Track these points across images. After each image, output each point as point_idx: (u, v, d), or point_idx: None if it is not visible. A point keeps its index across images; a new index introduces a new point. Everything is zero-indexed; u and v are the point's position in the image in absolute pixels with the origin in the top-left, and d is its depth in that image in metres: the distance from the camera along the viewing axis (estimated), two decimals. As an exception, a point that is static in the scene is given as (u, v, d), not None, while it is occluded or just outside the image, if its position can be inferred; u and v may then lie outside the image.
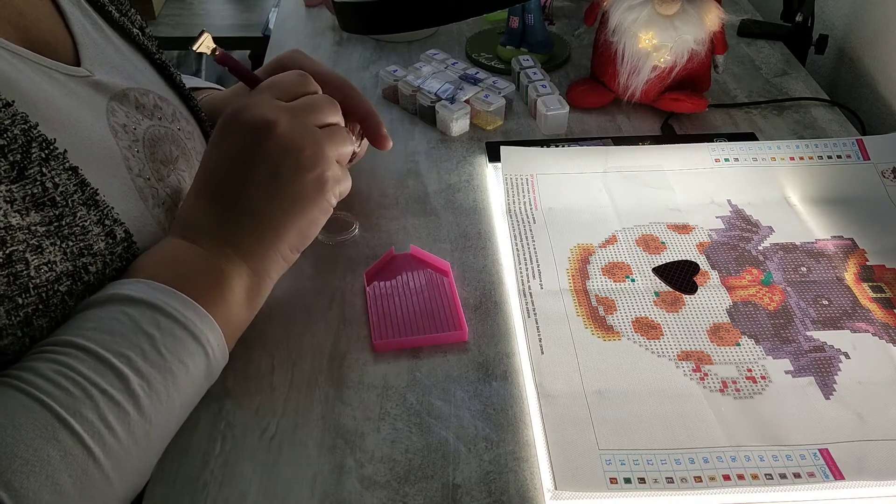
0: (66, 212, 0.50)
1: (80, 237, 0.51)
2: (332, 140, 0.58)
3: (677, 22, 0.81)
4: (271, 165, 0.56)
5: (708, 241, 0.71)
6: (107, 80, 0.62)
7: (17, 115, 0.49)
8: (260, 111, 0.56)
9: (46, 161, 0.50)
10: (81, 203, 0.52)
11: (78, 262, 0.51)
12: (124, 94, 0.63)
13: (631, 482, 0.51)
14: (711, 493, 0.51)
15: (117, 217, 0.54)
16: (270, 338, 0.63)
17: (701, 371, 0.59)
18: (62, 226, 0.50)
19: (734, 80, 0.95)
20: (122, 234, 0.54)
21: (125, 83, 0.64)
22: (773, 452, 0.53)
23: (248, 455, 0.55)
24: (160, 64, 0.73)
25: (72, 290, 0.51)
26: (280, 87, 0.60)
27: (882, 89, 0.93)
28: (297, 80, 0.61)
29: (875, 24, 0.95)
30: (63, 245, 0.50)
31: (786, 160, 0.79)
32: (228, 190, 0.56)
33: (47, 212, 0.49)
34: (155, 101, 0.67)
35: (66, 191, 0.51)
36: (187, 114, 0.73)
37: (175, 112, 0.69)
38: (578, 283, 0.66)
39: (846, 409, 0.56)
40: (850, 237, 0.71)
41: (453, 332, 0.63)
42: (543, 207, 0.75)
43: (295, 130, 0.56)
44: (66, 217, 0.50)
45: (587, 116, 0.89)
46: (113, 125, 0.59)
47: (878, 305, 0.64)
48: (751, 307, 0.64)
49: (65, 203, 0.50)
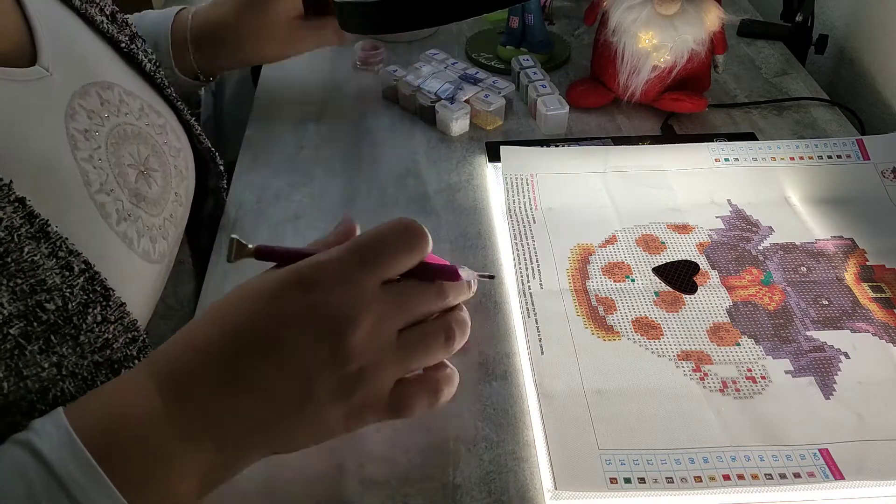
0: (11, 248, 0.45)
1: (30, 273, 0.46)
2: (406, 356, 0.45)
3: (677, 22, 0.81)
4: (311, 370, 0.42)
5: (708, 240, 0.71)
6: (66, 78, 0.57)
7: None
8: (347, 300, 0.43)
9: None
10: (29, 237, 0.47)
11: (29, 301, 0.46)
12: (85, 91, 0.58)
13: (631, 482, 0.51)
14: (711, 493, 0.51)
15: (72, 248, 0.49)
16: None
17: (701, 371, 0.59)
18: (7, 263, 0.45)
19: (734, 80, 0.95)
20: (81, 266, 0.49)
21: (86, 78, 0.59)
22: (773, 452, 0.53)
23: (247, 455, 0.55)
24: (128, 53, 0.68)
25: (27, 332, 0.46)
26: (374, 254, 0.44)
27: (882, 89, 0.93)
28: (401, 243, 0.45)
29: (875, 24, 0.95)
30: (10, 284, 0.45)
31: (786, 160, 0.79)
32: (245, 365, 0.42)
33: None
34: (120, 96, 0.63)
35: (10, 225, 0.46)
36: (160, 104, 0.69)
37: (143, 106, 0.65)
38: (578, 283, 0.66)
39: (846, 409, 0.56)
40: (849, 237, 0.71)
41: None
42: (543, 207, 0.75)
43: (371, 342, 0.43)
44: (12, 253, 0.45)
45: (587, 116, 0.89)
46: (72, 133, 0.55)
47: (878, 305, 0.64)
48: (751, 307, 0.64)
49: (10, 238, 0.45)
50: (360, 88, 0.95)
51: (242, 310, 0.44)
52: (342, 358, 0.42)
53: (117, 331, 0.52)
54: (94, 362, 0.51)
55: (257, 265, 0.47)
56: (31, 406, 0.47)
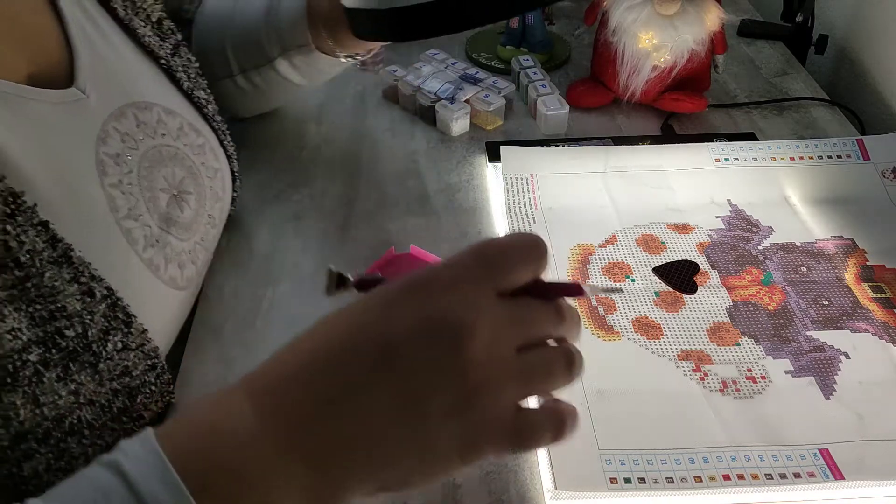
0: (31, 272, 0.45)
1: (50, 299, 0.46)
2: (528, 376, 0.40)
3: (677, 22, 0.81)
4: (423, 382, 0.37)
5: (708, 240, 0.71)
6: (102, 100, 0.56)
7: None
8: (462, 305, 0.38)
9: (12, 217, 0.44)
10: (51, 261, 0.46)
11: (48, 328, 0.45)
12: (121, 113, 0.57)
13: (631, 482, 0.51)
14: (711, 493, 0.51)
15: (95, 273, 0.48)
16: (271, 339, 0.63)
17: (701, 371, 0.59)
18: (27, 288, 0.44)
19: (734, 80, 0.95)
20: (103, 292, 0.49)
21: (123, 99, 0.58)
22: (773, 452, 0.53)
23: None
24: (168, 69, 0.66)
25: (45, 360, 0.45)
26: (495, 262, 0.40)
27: (882, 89, 0.93)
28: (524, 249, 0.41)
29: (875, 24, 0.95)
30: (29, 309, 0.44)
31: (786, 160, 0.79)
32: (348, 378, 0.38)
33: (9, 274, 0.44)
34: (159, 116, 0.61)
35: (32, 249, 0.45)
36: (200, 123, 0.67)
37: (182, 125, 0.64)
38: (579, 280, 0.66)
39: (846, 409, 0.56)
40: (849, 237, 0.71)
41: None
42: (543, 207, 0.74)
43: (489, 353, 0.38)
44: (33, 278, 0.45)
45: (587, 116, 0.89)
46: (101, 158, 0.54)
47: (878, 305, 0.64)
48: (751, 307, 0.64)
49: (31, 263, 0.45)
50: (360, 88, 0.95)
51: (349, 321, 0.39)
52: (458, 368, 0.37)
53: (137, 358, 0.52)
54: (112, 389, 0.50)
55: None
56: (46, 433, 0.47)
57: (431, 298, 0.38)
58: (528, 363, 0.40)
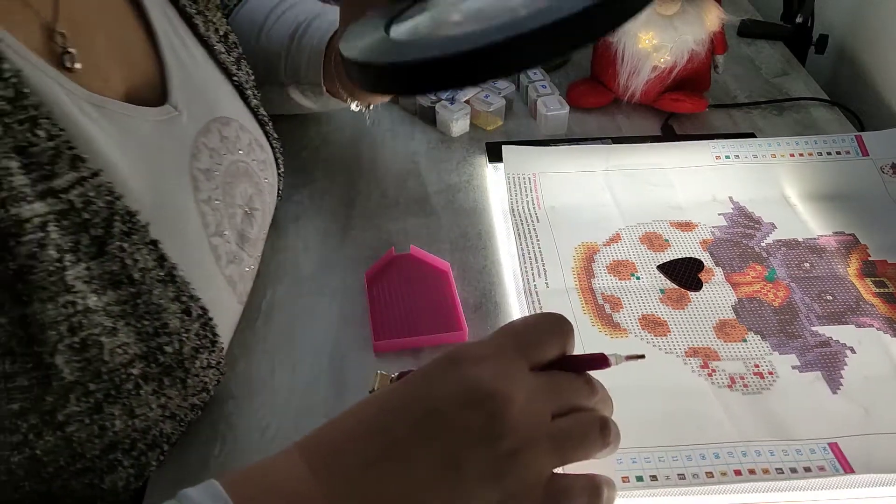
0: (142, 290, 0.46)
1: (156, 316, 0.47)
2: (562, 442, 0.42)
3: (677, 22, 0.81)
4: (462, 444, 0.40)
5: (711, 237, 0.70)
6: (192, 116, 0.56)
7: (102, 185, 0.45)
8: (499, 375, 0.41)
9: (128, 235, 0.46)
10: (159, 280, 0.47)
11: (152, 343, 0.47)
12: (208, 129, 0.58)
13: (643, 480, 0.51)
14: (723, 489, 0.51)
15: (193, 293, 0.50)
16: (271, 339, 0.62)
17: (709, 367, 0.58)
18: (137, 305, 0.46)
19: (734, 81, 0.95)
20: (199, 311, 0.50)
21: (208, 115, 0.59)
22: (783, 447, 0.53)
23: (248, 456, 0.54)
24: (237, 85, 0.66)
25: (146, 374, 0.47)
26: (524, 337, 0.44)
27: (882, 89, 0.93)
28: (550, 330, 0.45)
29: (875, 24, 0.95)
30: (137, 325, 0.46)
31: (785, 156, 0.79)
32: (393, 439, 0.41)
33: (124, 290, 0.45)
34: (237, 132, 0.62)
35: (144, 267, 0.46)
36: (262, 139, 0.67)
37: (251, 141, 0.64)
38: (584, 281, 0.66)
39: (854, 403, 0.56)
40: (851, 233, 0.71)
41: (453, 333, 0.62)
42: (546, 206, 0.74)
43: (525, 418, 0.41)
44: (143, 295, 0.46)
45: (587, 117, 0.89)
46: (194, 174, 0.55)
47: (882, 300, 0.64)
48: (756, 303, 0.64)
49: (142, 281, 0.46)
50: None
51: (393, 394, 0.43)
52: (496, 433, 0.40)
53: (214, 375, 0.53)
54: (191, 404, 0.52)
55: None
56: (132, 444, 0.48)
57: (470, 371, 0.41)
58: (562, 430, 0.42)
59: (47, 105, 0.43)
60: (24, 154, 0.41)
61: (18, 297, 0.40)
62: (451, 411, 0.40)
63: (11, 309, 0.40)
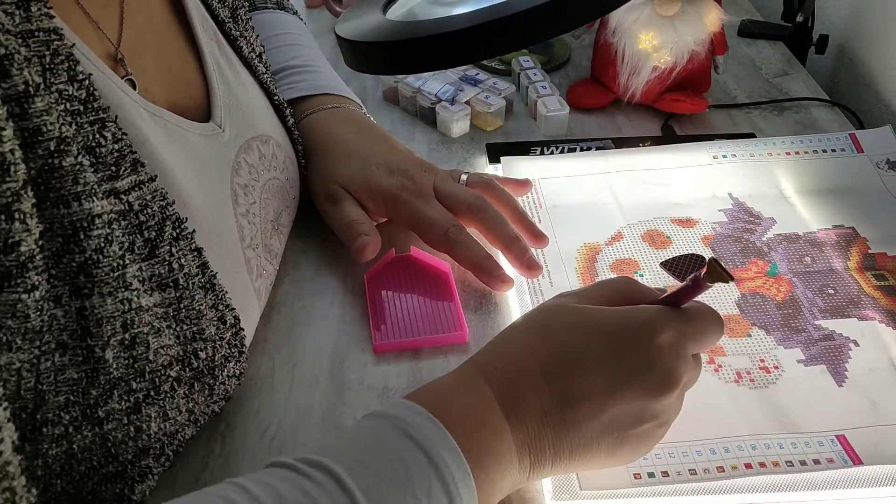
0: (185, 294, 0.48)
1: (195, 321, 0.49)
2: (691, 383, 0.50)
3: (677, 22, 0.81)
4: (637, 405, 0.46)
5: (712, 233, 0.70)
6: (234, 133, 0.59)
7: (157, 190, 0.46)
8: (678, 362, 0.48)
9: (176, 241, 0.47)
10: (200, 286, 0.49)
11: (188, 348, 0.48)
12: (248, 146, 0.60)
13: (654, 476, 0.51)
14: (734, 483, 0.50)
15: (230, 302, 0.51)
16: (271, 339, 0.62)
17: (715, 363, 0.58)
18: (179, 309, 0.47)
19: (734, 81, 0.95)
20: (232, 320, 0.52)
21: (249, 132, 0.61)
22: (792, 440, 0.52)
23: (248, 456, 0.54)
24: (277, 105, 0.68)
25: (180, 377, 0.48)
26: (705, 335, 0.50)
27: (882, 89, 0.93)
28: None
29: (875, 24, 0.95)
30: (178, 329, 0.47)
31: (781, 155, 0.79)
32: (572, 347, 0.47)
33: (168, 293, 0.47)
34: (273, 150, 0.64)
35: (189, 273, 0.48)
36: (294, 157, 0.69)
37: (286, 158, 0.66)
38: (588, 280, 0.66)
39: (859, 395, 0.56)
40: (850, 226, 0.71)
41: (453, 334, 0.62)
42: (548, 206, 0.74)
43: (679, 354, 0.48)
44: (185, 300, 0.48)
45: (587, 117, 0.89)
46: (234, 188, 0.57)
47: (883, 293, 0.64)
48: (759, 298, 0.64)
49: (186, 285, 0.48)
50: (361, 89, 0.94)
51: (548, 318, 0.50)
52: (657, 412, 0.47)
53: (235, 385, 0.55)
54: (213, 411, 0.54)
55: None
56: (161, 449, 0.50)
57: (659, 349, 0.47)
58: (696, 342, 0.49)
59: (113, 109, 0.45)
60: (93, 154, 0.43)
61: (78, 290, 0.41)
62: (635, 374, 0.46)
63: (70, 301, 0.41)
